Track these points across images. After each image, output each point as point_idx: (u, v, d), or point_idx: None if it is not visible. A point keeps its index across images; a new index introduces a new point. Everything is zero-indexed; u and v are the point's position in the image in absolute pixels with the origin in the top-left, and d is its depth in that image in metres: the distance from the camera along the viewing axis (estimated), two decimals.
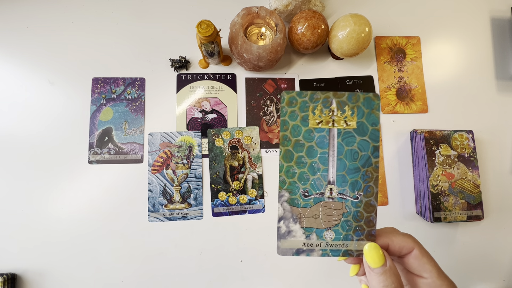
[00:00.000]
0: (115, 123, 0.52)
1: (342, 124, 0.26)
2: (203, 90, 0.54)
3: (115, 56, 0.54)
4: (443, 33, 0.58)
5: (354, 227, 0.26)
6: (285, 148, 0.26)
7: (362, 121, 0.26)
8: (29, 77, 0.52)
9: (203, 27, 0.43)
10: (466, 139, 0.51)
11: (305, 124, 0.26)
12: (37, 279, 0.47)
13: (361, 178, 0.26)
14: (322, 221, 0.26)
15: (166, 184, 0.50)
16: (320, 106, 0.26)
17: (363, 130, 0.26)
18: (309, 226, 0.26)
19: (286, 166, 0.26)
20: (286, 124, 0.26)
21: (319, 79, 0.55)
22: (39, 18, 0.54)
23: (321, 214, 0.26)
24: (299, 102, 0.26)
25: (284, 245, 0.26)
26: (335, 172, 0.26)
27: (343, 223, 0.26)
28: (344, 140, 0.26)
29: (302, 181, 0.26)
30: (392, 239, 0.25)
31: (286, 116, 0.26)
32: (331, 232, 0.26)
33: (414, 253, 0.25)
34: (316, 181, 0.26)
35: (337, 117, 0.26)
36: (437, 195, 0.49)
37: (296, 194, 0.26)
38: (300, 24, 0.49)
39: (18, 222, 0.48)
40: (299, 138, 0.26)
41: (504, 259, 0.52)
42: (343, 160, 0.26)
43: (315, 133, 0.26)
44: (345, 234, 0.26)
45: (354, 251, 0.25)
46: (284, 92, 0.26)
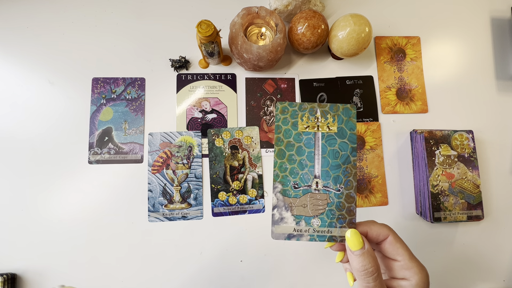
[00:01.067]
0: (115, 123, 0.52)
1: (325, 129, 0.32)
2: (203, 90, 0.54)
3: (115, 56, 0.54)
4: (443, 33, 0.58)
5: (337, 215, 0.30)
6: (278, 147, 0.32)
7: (342, 126, 0.32)
8: (29, 77, 0.52)
9: (203, 27, 0.43)
10: (466, 139, 0.51)
11: (295, 128, 0.32)
12: (37, 279, 0.47)
13: (342, 173, 0.31)
14: (310, 210, 0.31)
15: (166, 184, 0.50)
16: (307, 114, 0.32)
17: (342, 134, 0.32)
18: (299, 214, 0.31)
19: (280, 162, 0.31)
20: (279, 128, 0.32)
21: (319, 79, 0.55)
22: (39, 18, 0.54)
23: (308, 203, 0.31)
24: (290, 111, 0.32)
25: (277, 230, 0.30)
26: (320, 168, 0.31)
27: (328, 212, 0.30)
28: (327, 141, 0.32)
29: (293, 175, 0.31)
30: (370, 227, 0.29)
31: (280, 122, 0.32)
32: (317, 219, 0.30)
33: (389, 239, 0.29)
34: (304, 175, 0.31)
35: (321, 123, 0.32)
36: (437, 195, 0.49)
37: (287, 186, 0.31)
38: (300, 24, 0.49)
39: (18, 222, 0.48)
40: (290, 139, 0.32)
41: (504, 259, 0.52)
42: (327, 158, 0.31)
43: (303, 136, 0.32)
44: (329, 222, 0.30)
45: (337, 237, 0.30)
46: (278, 102, 0.32)
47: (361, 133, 0.54)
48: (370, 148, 0.54)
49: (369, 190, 0.52)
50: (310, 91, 0.54)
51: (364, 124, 0.54)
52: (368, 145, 0.54)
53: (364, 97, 0.55)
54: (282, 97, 0.54)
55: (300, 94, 0.54)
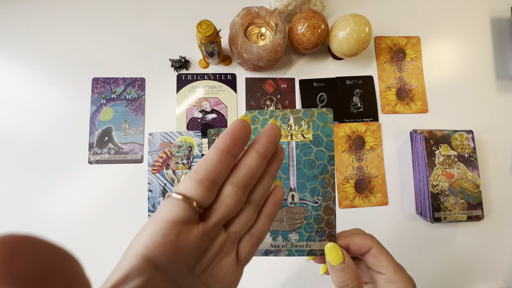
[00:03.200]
0: (115, 123, 0.52)
1: (300, 137, 0.29)
2: (203, 90, 0.54)
3: (115, 56, 0.54)
4: (443, 33, 0.58)
5: (316, 228, 0.28)
6: None
7: (318, 133, 0.29)
8: (29, 77, 0.52)
9: (203, 27, 0.43)
10: (466, 139, 0.51)
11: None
12: None
13: (319, 184, 0.29)
14: (287, 224, 0.29)
15: (166, 184, 0.50)
16: (279, 122, 0.29)
17: (318, 141, 0.29)
18: (275, 229, 0.29)
19: None
20: (250, 140, 0.28)
21: (319, 79, 0.55)
22: (39, 18, 0.54)
23: (285, 218, 0.29)
24: (260, 120, 0.29)
25: None
26: (295, 180, 0.29)
27: (306, 226, 0.29)
28: (302, 151, 0.29)
29: None
30: (352, 239, 0.28)
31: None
32: (295, 234, 0.29)
33: (372, 251, 0.27)
34: None
35: (294, 131, 0.29)
36: (437, 195, 0.49)
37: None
38: (300, 24, 0.49)
39: (19, 222, 0.48)
40: None
41: (504, 259, 0.52)
42: (302, 169, 0.29)
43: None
44: (308, 236, 0.28)
45: (317, 251, 0.28)
46: (246, 112, 0.29)
47: (361, 133, 0.54)
48: (370, 148, 0.54)
49: (369, 190, 0.52)
50: (310, 91, 0.54)
51: (364, 124, 0.54)
52: (368, 145, 0.54)
53: (364, 97, 0.55)
54: (282, 97, 0.54)
55: (300, 94, 0.54)
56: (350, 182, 0.52)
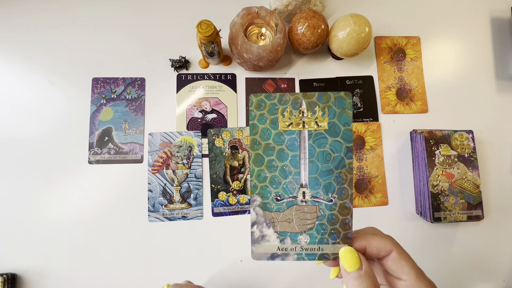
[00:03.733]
0: (115, 123, 0.52)
1: (313, 125, 0.26)
2: (203, 90, 0.54)
3: (115, 56, 0.54)
4: (443, 33, 0.58)
5: (330, 230, 0.25)
6: (255, 152, 0.26)
7: (334, 121, 0.25)
8: (29, 77, 0.52)
9: (203, 27, 0.43)
10: (466, 139, 0.51)
11: (274, 127, 0.26)
12: (37, 279, 0.47)
13: (335, 180, 0.25)
14: (296, 225, 0.26)
15: (166, 184, 0.50)
16: (290, 108, 0.26)
17: (335, 130, 0.25)
18: (283, 230, 0.26)
19: (257, 170, 0.26)
20: (255, 128, 0.26)
21: (319, 79, 0.55)
22: (39, 18, 0.54)
23: (294, 218, 0.26)
24: (267, 105, 0.26)
25: (258, 249, 0.26)
26: (307, 175, 0.26)
27: (318, 227, 0.25)
28: (316, 141, 0.26)
29: (274, 185, 0.26)
30: (370, 241, 0.25)
31: (255, 120, 0.26)
32: (305, 236, 0.26)
33: (392, 255, 0.25)
34: (288, 184, 0.26)
35: (307, 119, 0.26)
36: (437, 195, 0.49)
37: (268, 198, 0.26)
38: (300, 24, 0.49)
39: (18, 222, 0.48)
40: (269, 141, 0.26)
41: (504, 259, 0.52)
42: (315, 162, 0.26)
43: (285, 136, 0.26)
44: (320, 238, 0.25)
45: (330, 255, 0.25)
46: (252, 95, 0.26)
47: (361, 133, 0.54)
48: (370, 148, 0.54)
49: (369, 190, 0.52)
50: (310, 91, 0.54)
51: (364, 124, 0.54)
52: (368, 145, 0.54)
53: (364, 97, 0.55)
54: None
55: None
56: None
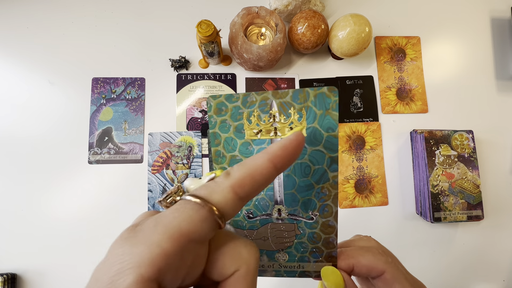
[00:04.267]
0: (115, 123, 0.52)
1: (287, 132, 0.20)
2: (203, 90, 0.54)
3: (115, 56, 0.54)
4: (443, 33, 0.58)
5: (311, 248, 0.22)
6: (219, 165, 0.21)
7: (314, 126, 0.20)
8: (29, 77, 0.52)
9: (203, 27, 0.43)
10: (466, 139, 0.51)
11: (240, 136, 0.21)
12: (37, 279, 0.47)
13: (316, 196, 0.21)
14: (273, 243, 0.22)
15: (166, 184, 0.50)
16: (257, 111, 0.20)
17: (315, 138, 0.20)
18: (258, 248, 0.23)
19: None
20: (217, 138, 0.21)
21: (319, 79, 0.55)
22: (39, 18, 0.54)
23: (270, 236, 0.22)
24: (229, 109, 0.21)
25: None
26: (282, 191, 0.22)
27: (297, 245, 0.22)
28: None
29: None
30: (358, 260, 0.21)
31: (216, 128, 0.21)
32: (283, 254, 0.22)
33: (385, 276, 0.21)
34: (261, 201, 0.22)
35: (280, 124, 0.20)
36: (437, 195, 0.49)
37: (239, 216, 0.22)
38: (300, 24, 0.49)
39: (18, 222, 0.48)
40: (235, 153, 0.21)
41: (504, 259, 0.52)
42: (292, 176, 0.21)
43: (253, 146, 0.21)
44: (300, 256, 0.22)
45: (312, 272, 0.22)
46: (209, 97, 0.21)
47: (361, 133, 0.54)
48: (370, 148, 0.53)
49: (369, 190, 0.52)
50: None
51: (364, 124, 0.54)
52: (368, 145, 0.54)
53: (364, 97, 0.55)
54: None
55: None
56: (350, 182, 0.52)
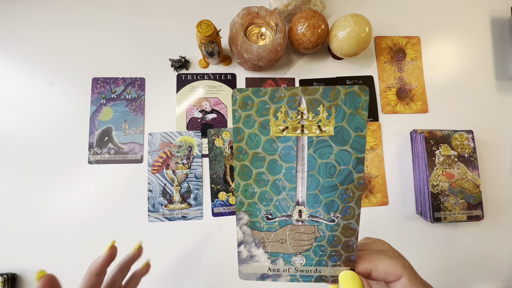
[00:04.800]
0: (115, 123, 0.52)
1: (315, 130, 0.20)
2: (203, 90, 0.54)
3: (115, 56, 0.54)
4: (443, 33, 0.58)
5: (329, 252, 0.22)
6: (240, 163, 0.21)
7: (342, 125, 0.20)
8: (29, 77, 0.52)
9: (203, 27, 0.43)
10: (466, 139, 0.51)
11: (265, 132, 0.20)
12: None
13: (339, 197, 0.21)
14: (290, 246, 0.22)
15: (166, 184, 0.50)
16: (285, 107, 0.20)
17: (343, 137, 0.20)
18: (275, 251, 0.22)
19: (244, 185, 0.21)
20: (240, 133, 0.21)
21: (319, 79, 0.55)
22: (39, 18, 0.54)
23: (288, 238, 0.22)
24: (256, 103, 0.20)
25: (246, 269, 0.23)
26: (305, 192, 0.21)
27: (316, 248, 0.22)
28: (317, 151, 0.21)
29: (264, 202, 0.22)
30: (376, 264, 0.21)
31: (240, 123, 0.20)
32: (301, 257, 0.22)
33: (402, 281, 0.22)
34: (282, 201, 0.22)
35: (307, 122, 0.20)
36: (437, 195, 0.49)
37: (257, 217, 0.22)
38: (300, 24, 0.49)
39: (18, 222, 0.48)
40: (258, 150, 0.21)
41: (504, 259, 0.52)
42: (316, 176, 0.21)
43: (278, 144, 0.21)
44: (317, 260, 0.22)
45: (328, 277, 0.22)
46: (235, 90, 0.20)
47: None
48: (370, 148, 0.53)
49: (369, 190, 0.52)
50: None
51: None
52: (368, 145, 0.54)
53: None
54: None
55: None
56: None
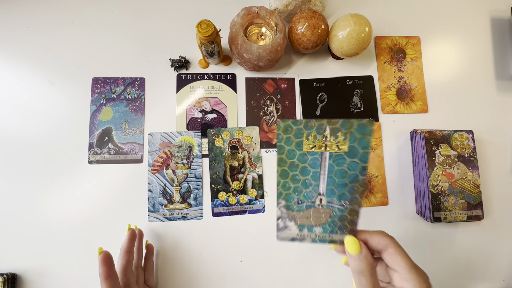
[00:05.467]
0: (115, 123, 0.52)
1: (334, 148, 0.29)
2: (203, 90, 0.54)
3: (115, 56, 0.54)
4: (443, 33, 0.58)
5: (339, 225, 0.31)
6: (281, 168, 0.31)
7: (354, 145, 0.29)
8: (29, 77, 0.52)
9: (203, 27, 0.43)
10: (466, 139, 0.51)
11: (299, 148, 0.30)
12: (37, 279, 0.47)
13: (349, 191, 0.30)
14: (313, 221, 0.32)
15: (166, 184, 0.50)
16: (314, 133, 0.29)
17: (353, 153, 0.29)
18: (302, 224, 0.32)
19: (283, 182, 0.31)
20: (282, 149, 0.30)
21: (319, 79, 0.55)
22: (39, 18, 0.54)
23: (312, 216, 0.31)
24: (294, 130, 0.29)
25: (282, 235, 0.32)
26: (325, 187, 0.30)
27: (330, 222, 0.31)
28: (335, 161, 0.30)
29: (296, 193, 0.31)
30: (371, 236, 0.30)
31: (282, 142, 0.30)
32: (319, 228, 0.31)
33: (389, 250, 0.29)
34: (308, 193, 0.31)
35: (329, 142, 0.29)
36: (437, 195, 0.49)
37: (291, 202, 0.31)
38: (300, 24, 0.49)
39: (18, 222, 0.48)
40: (294, 160, 0.30)
41: (504, 259, 0.52)
42: (333, 177, 0.30)
43: (308, 156, 0.30)
44: (331, 229, 0.31)
45: (338, 241, 0.31)
46: (280, 120, 0.29)
47: None
48: (371, 148, 0.53)
49: (369, 190, 0.52)
50: (310, 91, 0.54)
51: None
52: None
53: (364, 97, 0.55)
54: (282, 97, 0.54)
55: (300, 94, 0.54)
56: None
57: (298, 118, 0.50)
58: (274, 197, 0.51)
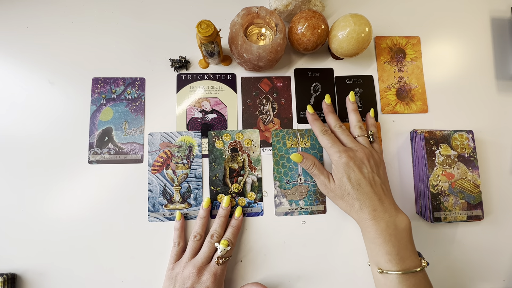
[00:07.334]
0: (115, 123, 0.52)
1: (303, 144, 0.52)
2: (203, 90, 0.54)
3: (115, 56, 0.54)
4: (443, 33, 0.58)
5: (314, 198, 0.50)
6: (275, 159, 0.51)
7: (313, 143, 0.52)
8: (29, 77, 0.52)
9: (203, 27, 0.43)
10: (466, 139, 0.51)
11: (284, 145, 0.51)
12: (37, 279, 0.47)
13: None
14: (297, 195, 0.50)
15: (166, 184, 0.50)
16: (291, 136, 0.52)
17: (313, 147, 0.52)
18: (291, 199, 0.50)
19: (277, 168, 0.51)
20: (274, 147, 0.51)
21: (314, 68, 0.55)
22: (39, 18, 0.54)
23: (296, 192, 0.50)
24: (280, 135, 0.52)
25: (278, 210, 0.50)
26: (302, 170, 0.51)
27: (308, 196, 0.50)
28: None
29: (286, 175, 0.51)
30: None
31: (274, 142, 0.51)
32: (302, 201, 0.50)
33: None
34: (292, 175, 0.51)
35: (300, 141, 0.52)
36: (437, 195, 0.49)
37: (283, 182, 0.50)
38: (300, 24, 0.49)
39: (18, 222, 0.48)
40: (282, 153, 0.51)
41: (504, 259, 0.52)
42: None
43: (290, 150, 0.51)
44: (310, 202, 0.50)
45: (315, 211, 0.50)
46: (272, 130, 0.52)
47: None
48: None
49: None
50: (305, 81, 0.55)
51: (364, 124, 0.54)
52: None
53: (364, 97, 0.55)
54: (278, 95, 0.54)
55: (295, 84, 0.54)
56: None
57: (293, 115, 0.54)
58: (272, 193, 0.52)
